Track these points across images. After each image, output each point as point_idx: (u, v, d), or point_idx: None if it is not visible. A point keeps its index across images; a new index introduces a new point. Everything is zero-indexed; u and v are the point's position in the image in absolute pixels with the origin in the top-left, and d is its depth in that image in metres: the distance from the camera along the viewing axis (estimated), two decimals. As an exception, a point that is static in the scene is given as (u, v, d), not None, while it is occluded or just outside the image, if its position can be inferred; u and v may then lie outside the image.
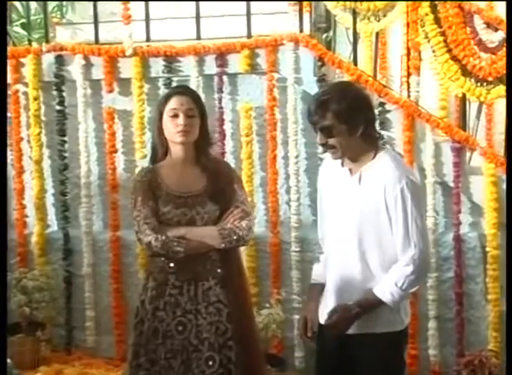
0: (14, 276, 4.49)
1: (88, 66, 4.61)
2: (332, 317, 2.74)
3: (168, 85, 4.44)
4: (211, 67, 4.44)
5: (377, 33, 4.99)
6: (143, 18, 4.59)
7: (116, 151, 4.63)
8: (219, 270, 3.03)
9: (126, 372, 3.24)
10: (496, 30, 4.03)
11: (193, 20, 4.54)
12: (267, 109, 4.39)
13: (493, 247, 4.09)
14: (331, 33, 4.99)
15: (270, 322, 4.06)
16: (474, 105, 4.64)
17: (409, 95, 4.24)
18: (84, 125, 4.62)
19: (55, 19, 5.53)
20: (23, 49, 4.74)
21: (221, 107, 4.44)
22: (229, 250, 3.02)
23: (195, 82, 4.41)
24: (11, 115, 4.68)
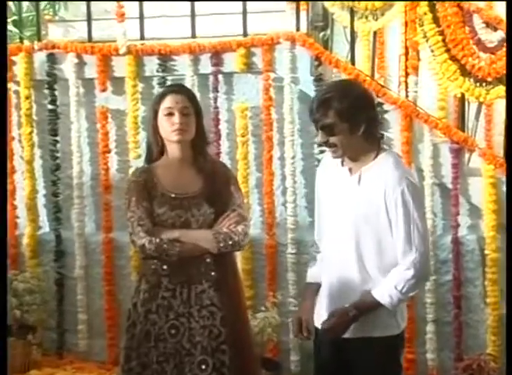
0: (4, 278, 4.46)
1: (81, 64, 4.59)
2: (329, 321, 2.73)
3: (162, 84, 4.43)
4: (206, 66, 4.43)
5: (375, 33, 5.02)
6: (137, 16, 4.58)
7: (109, 151, 4.61)
8: (213, 273, 3.00)
9: (118, 376, 3.20)
10: (496, 29, 4.04)
11: (188, 18, 4.53)
12: (263, 109, 4.37)
13: (492, 249, 4.08)
14: (328, 32, 5.01)
15: (266, 325, 4.05)
16: (473, 106, 4.64)
17: (407, 95, 4.24)
18: (77, 124, 4.61)
19: (47, 17, 5.51)
20: (14, 47, 4.70)
21: (216, 107, 4.43)
22: (224, 253, 2.99)
23: (190, 81, 4.39)
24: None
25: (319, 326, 2.79)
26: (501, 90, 3.99)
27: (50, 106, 4.63)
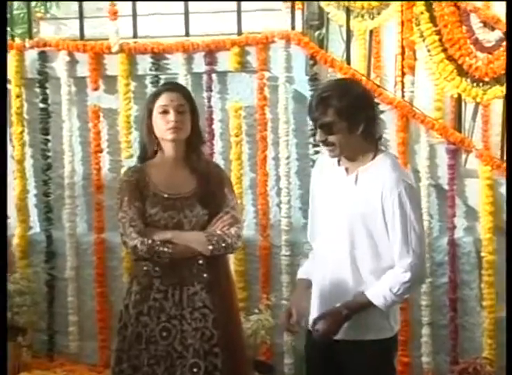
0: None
1: (73, 62, 4.57)
2: (321, 321, 2.71)
3: (155, 83, 4.41)
4: (199, 65, 4.42)
5: (371, 32, 5.01)
6: (130, 13, 4.56)
7: (101, 150, 4.59)
8: (205, 275, 2.97)
9: (108, 378, 3.19)
10: (493, 29, 4.04)
11: (181, 16, 4.51)
12: (257, 109, 4.36)
13: (489, 252, 4.06)
14: (323, 30, 4.98)
15: (259, 328, 4.04)
16: (470, 106, 4.62)
17: (403, 95, 4.23)
18: (68, 123, 4.58)
19: (38, 14, 5.51)
20: (5, 45, 4.68)
21: (210, 106, 4.42)
22: (217, 255, 2.97)
23: (183, 80, 4.36)
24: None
25: (311, 329, 2.77)
26: (498, 90, 3.98)
27: (41, 105, 4.61)
